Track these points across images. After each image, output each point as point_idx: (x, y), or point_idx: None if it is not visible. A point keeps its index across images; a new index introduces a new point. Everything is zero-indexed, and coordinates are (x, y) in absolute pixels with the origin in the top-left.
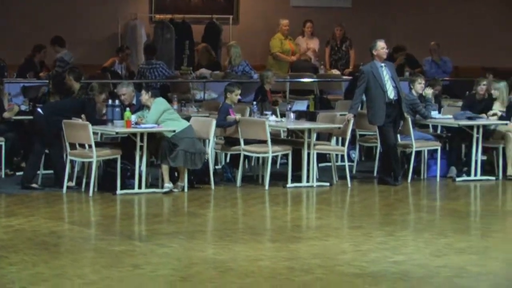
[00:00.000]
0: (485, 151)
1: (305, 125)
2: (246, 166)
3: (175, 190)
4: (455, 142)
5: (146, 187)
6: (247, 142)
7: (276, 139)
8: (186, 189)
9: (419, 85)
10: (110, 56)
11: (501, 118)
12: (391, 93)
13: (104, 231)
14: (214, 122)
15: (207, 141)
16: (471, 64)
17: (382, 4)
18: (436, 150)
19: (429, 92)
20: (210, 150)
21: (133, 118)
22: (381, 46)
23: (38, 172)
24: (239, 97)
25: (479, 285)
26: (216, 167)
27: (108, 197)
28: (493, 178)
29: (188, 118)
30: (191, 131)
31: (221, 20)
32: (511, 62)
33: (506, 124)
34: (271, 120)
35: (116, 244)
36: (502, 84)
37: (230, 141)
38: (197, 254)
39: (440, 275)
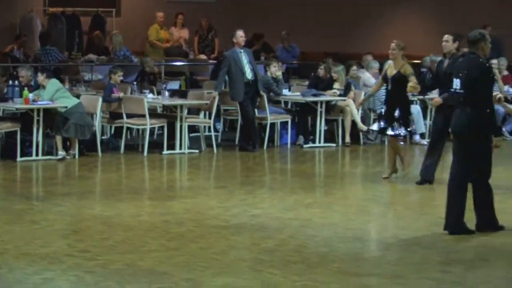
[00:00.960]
0: (327, 122)
1: (177, 101)
2: (128, 136)
3: (68, 157)
4: (302, 115)
5: (43, 154)
6: (129, 116)
7: (153, 113)
8: (77, 156)
9: (274, 68)
10: (9, 43)
11: (340, 95)
12: (249, 74)
13: (6, 193)
14: (100, 99)
15: (94, 115)
16: (316, 50)
17: None
18: (287, 122)
19: (279, 73)
20: (97, 123)
21: (31, 96)
22: (240, 35)
23: None
24: (121, 77)
25: (323, 233)
26: (103, 137)
27: (10, 164)
28: (334, 145)
29: (78, 96)
30: (81, 107)
31: (105, 12)
32: (349, 48)
33: (344, 100)
34: (149, 97)
35: (17, 204)
36: (340, 68)
37: (114, 115)
38: (87, 211)
39: (291, 226)
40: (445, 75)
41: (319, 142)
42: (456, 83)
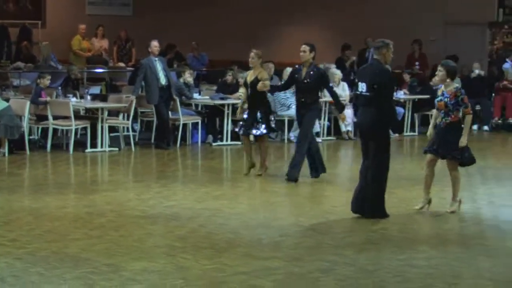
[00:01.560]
0: (233, 123)
1: (99, 104)
2: (54, 136)
3: None
4: (211, 116)
5: None
6: (55, 117)
7: (77, 115)
8: (7, 154)
9: (188, 74)
10: None
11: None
12: (163, 80)
13: None
14: (28, 103)
15: (23, 117)
16: (222, 58)
17: (156, 11)
18: (197, 123)
19: (190, 79)
20: (25, 124)
21: None
22: (154, 45)
23: None
24: (49, 81)
25: (231, 222)
26: (31, 137)
27: None
28: (240, 143)
29: (7, 100)
30: (10, 110)
31: (32, 24)
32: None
33: None
34: (73, 101)
35: None
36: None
37: (41, 117)
38: (16, 204)
39: (202, 215)
40: (303, 83)
41: (227, 141)
42: (362, 86)
